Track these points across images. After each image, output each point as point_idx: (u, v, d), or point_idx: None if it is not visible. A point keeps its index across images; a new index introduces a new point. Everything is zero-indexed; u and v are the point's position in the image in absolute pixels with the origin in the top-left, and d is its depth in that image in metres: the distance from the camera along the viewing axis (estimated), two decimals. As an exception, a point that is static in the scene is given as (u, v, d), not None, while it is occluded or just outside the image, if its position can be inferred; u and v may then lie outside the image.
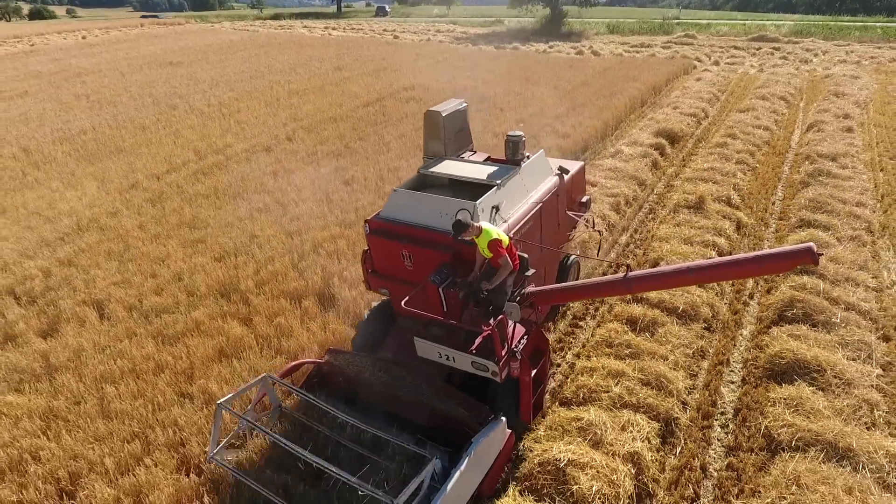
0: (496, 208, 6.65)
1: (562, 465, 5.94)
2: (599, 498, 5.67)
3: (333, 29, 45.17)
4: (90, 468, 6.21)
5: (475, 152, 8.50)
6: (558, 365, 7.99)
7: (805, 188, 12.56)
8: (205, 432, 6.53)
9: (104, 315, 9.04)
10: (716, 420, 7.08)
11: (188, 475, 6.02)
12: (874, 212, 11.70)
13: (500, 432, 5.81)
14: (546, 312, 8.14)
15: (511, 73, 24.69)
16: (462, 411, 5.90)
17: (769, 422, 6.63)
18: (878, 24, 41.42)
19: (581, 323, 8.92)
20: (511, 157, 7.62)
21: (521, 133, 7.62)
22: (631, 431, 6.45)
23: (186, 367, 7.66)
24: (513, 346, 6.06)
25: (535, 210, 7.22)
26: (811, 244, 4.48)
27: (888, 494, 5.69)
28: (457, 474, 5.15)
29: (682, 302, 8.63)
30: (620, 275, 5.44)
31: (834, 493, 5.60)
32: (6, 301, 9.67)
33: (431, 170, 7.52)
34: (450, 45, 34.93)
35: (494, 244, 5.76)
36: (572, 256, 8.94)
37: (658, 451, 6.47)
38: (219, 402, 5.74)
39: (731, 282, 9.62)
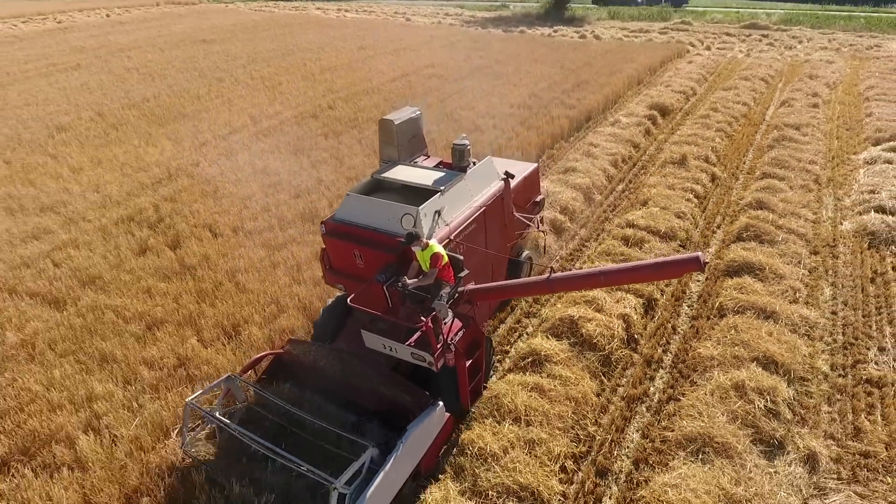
0: (438, 213, 7.16)
1: (574, 318, 8.62)
2: (600, 336, 8.36)
3: (346, 11, 47.10)
4: (244, 320, 8.84)
5: (428, 157, 8.98)
6: (568, 269, 10.65)
7: (770, 150, 15.17)
8: (318, 305, 9.10)
9: (216, 234, 11.60)
10: (684, 301, 9.77)
11: (310, 322, 8.59)
12: (823, 169, 14.34)
13: (437, 416, 6.46)
14: (493, 308, 9.06)
15: (520, 54, 27.02)
16: (406, 397, 6.55)
17: (721, 299, 9.31)
18: (862, 14, 43.77)
19: (587, 243, 11.57)
20: (457, 164, 7.95)
21: (466, 141, 7.98)
22: (622, 303, 9.13)
23: (293, 264, 10.27)
24: (448, 338, 6.55)
25: (478, 213, 7.75)
26: (699, 253, 5.22)
27: (794, 335, 8.40)
28: (392, 459, 5.80)
29: (664, 227, 11.28)
30: (545, 276, 6.15)
31: (760, 334, 8.29)
32: (130, 225, 12.22)
33: (384, 175, 8.01)
34: (460, 27, 37.11)
35: (435, 258, 6.48)
36: (525, 252, 9.66)
37: (642, 318, 9.16)
38: (187, 399, 6.40)
39: (703, 211, 12.30)
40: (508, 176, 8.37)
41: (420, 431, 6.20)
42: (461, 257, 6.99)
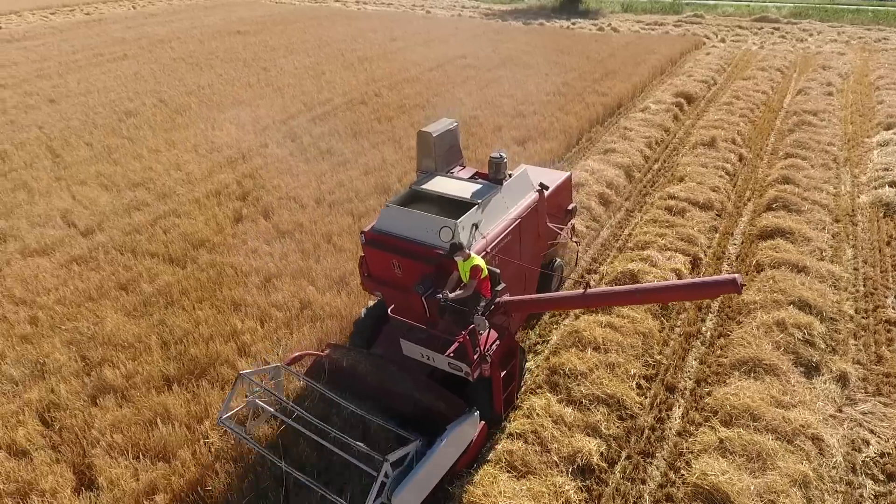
0: (476, 226, 7.26)
1: (634, 272, 10.05)
2: (658, 285, 9.78)
3: (366, 4, 48.19)
4: (349, 273, 10.25)
5: (464, 167, 9.08)
6: (618, 238, 12.07)
7: (791, 133, 16.54)
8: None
9: (302, 205, 12.99)
10: (725, 260, 11.19)
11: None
12: (840, 150, 15.73)
13: (472, 423, 6.60)
14: (524, 318, 9.25)
15: (545, 45, 28.29)
16: (441, 404, 6.71)
17: (758, 257, 10.73)
18: (870, 8, 44.94)
19: (632, 213, 12.98)
20: (493, 177, 8.05)
21: (503, 154, 8.02)
22: (673, 260, 10.55)
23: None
24: (484, 349, 6.71)
25: (513, 225, 7.87)
26: (736, 276, 5.09)
27: (823, 285, 9.83)
28: (432, 455, 6.00)
29: (702, 198, 12.69)
30: (580, 290, 6.20)
31: (794, 284, 9.71)
32: (220, 198, 13.60)
33: (422, 186, 8.07)
34: (481, 20, 38.33)
35: (475, 270, 6.60)
36: (557, 261, 9.93)
37: (690, 273, 10.57)
38: (241, 372, 6.69)
39: (734, 186, 13.72)
40: (543, 187, 8.43)
41: (457, 434, 6.36)
42: (498, 271, 7.12)
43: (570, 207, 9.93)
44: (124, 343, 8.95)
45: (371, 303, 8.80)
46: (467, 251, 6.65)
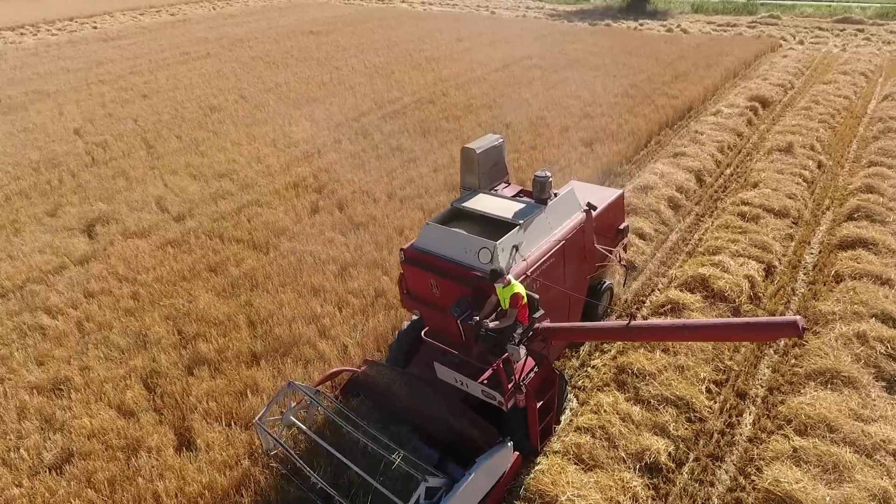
0: (516, 248, 7.03)
1: (706, 276, 9.99)
2: (730, 291, 9.70)
3: (431, 4, 48.88)
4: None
5: (509, 184, 8.77)
6: (687, 242, 11.96)
7: (875, 141, 15.82)
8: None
9: (374, 199, 13.54)
10: (801, 270, 10.92)
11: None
12: (931, 159, 14.93)
13: (504, 455, 6.37)
14: (564, 346, 8.86)
15: (612, 46, 27.99)
16: (474, 431, 6.50)
17: (837, 267, 10.43)
18: (968, 8, 41.85)
19: (702, 218, 12.83)
20: (538, 196, 7.74)
21: (548, 174, 7.74)
22: (746, 266, 10.41)
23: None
24: (520, 378, 6.49)
25: (557, 248, 7.57)
26: (798, 318, 4.68)
27: (910, 298, 9.48)
28: (460, 489, 5.79)
29: (777, 205, 12.39)
30: (624, 322, 5.75)
31: (877, 296, 9.41)
32: (297, 190, 14.33)
33: (464, 204, 7.88)
34: (546, 21, 38.22)
35: (515, 298, 6.32)
36: (606, 282, 9.57)
37: (763, 281, 10.40)
38: (290, 382, 7.00)
39: (812, 194, 13.30)
40: (591, 207, 8.12)
41: (488, 466, 6.17)
42: (537, 296, 6.80)
43: (621, 227, 9.53)
44: (215, 320, 9.70)
45: (408, 322, 8.54)
46: (507, 277, 6.36)
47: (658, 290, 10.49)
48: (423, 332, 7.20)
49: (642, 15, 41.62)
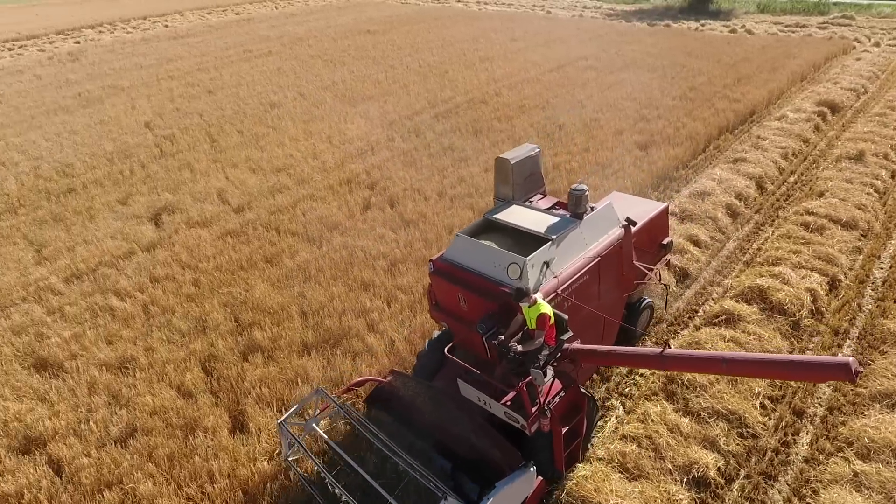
0: (547, 264, 6.78)
1: (764, 287, 9.64)
2: (790, 304, 9.32)
3: (486, 4, 48.82)
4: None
5: (545, 196, 8.48)
6: (744, 252, 11.55)
7: (959, 151, 14.81)
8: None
9: (425, 197, 13.70)
10: (868, 285, 10.37)
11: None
12: None
13: (526, 480, 6.08)
14: (593, 368, 8.39)
15: (671, 47, 27.24)
16: (497, 452, 6.28)
17: (910, 284, 9.86)
18: None
19: (762, 227, 12.35)
20: (573, 210, 7.46)
21: (584, 187, 7.43)
22: (808, 279, 9.97)
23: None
24: (546, 402, 6.19)
25: (592, 264, 7.25)
26: (851, 359, 4.28)
27: None
28: None
29: (845, 216, 11.80)
30: (659, 350, 5.49)
31: (952, 317, 8.85)
32: (350, 186, 14.66)
33: (496, 216, 7.69)
34: (603, 20, 37.55)
35: (542, 319, 6.05)
36: (646, 300, 9.16)
37: (826, 294, 9.94)
38: (319, 388, 7.06)
39: (884, 206, 12.58)
40: (630, 223, 7.68)
41: (508, 492, 5.91)
42: (566, 317, 6.45)
43: (664, 242, 9.10)
44: (270, 309, 10.07)
45: (438, 331, 8.37)
46: (534, 296, 6.11)
47: (712, 299, 10.20)
48: (446, 349, 6.98)
49: (704, 15, 40.27)
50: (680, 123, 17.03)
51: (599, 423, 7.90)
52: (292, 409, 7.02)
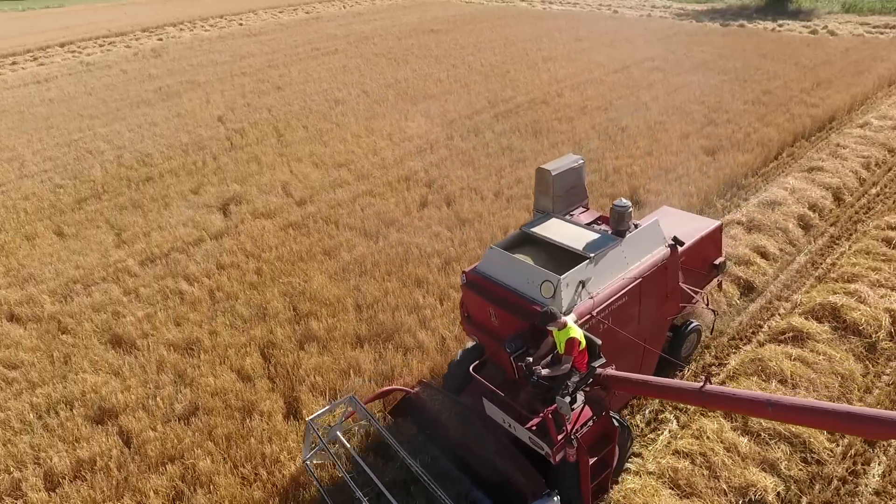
0: (583, 283, 6.50)
1: (837, 305, 9.09)
2: (866, 324, 8.76)
3: (551, 3, 48.19)
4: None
5: (587, 209, 8.18)
6: (819, 274, 10.92)
7: None
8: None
9: (481, 196, 13.72)
10: (957, 308, 9.59)
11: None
12: None
13: None
14: (629, 396, 7.91)
15: (745, 49, 26.03)
16: (520, 477, 6.06)
17: None
18: None
19: (837, 241, 11.65)
20: (615, 228, 7.12)
21: (627, 203, 7.06)
22: (887, 298, 9.33)
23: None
24: (573, 430, 5.89)
25: (632, 285, 6.88)
26: None
27: None
28: None
29: (933, 233, 10.96)
30: (698, 385, 5.20)
31: None
32: (408, 183, 14.86)
33: (533, 229, 7.46)
34: (673, 20, 36.32)
35: (571, 343, 5.80)
36: (693, 324, 8.61)
37: (907, 316, 9.27)
38: (352, 396, 7.05)
39: (981, 225, 11.60)
40: (676, 242, 7.32)
41: None
42: (599, 342, 6.14)
43: (717, 262, 8.66)
44: (326, 301, 10.37)
45: (471, 343, 8.13)
46: (563, 319, 5.85)
47: (779, 315, 9.71)
48: (471, 367, 6.78)
49: (782, 15, 38.25)
50: (751, 129, 16.28)
51: (651, 435, 7.70)
52: (323, 410, 7.10)
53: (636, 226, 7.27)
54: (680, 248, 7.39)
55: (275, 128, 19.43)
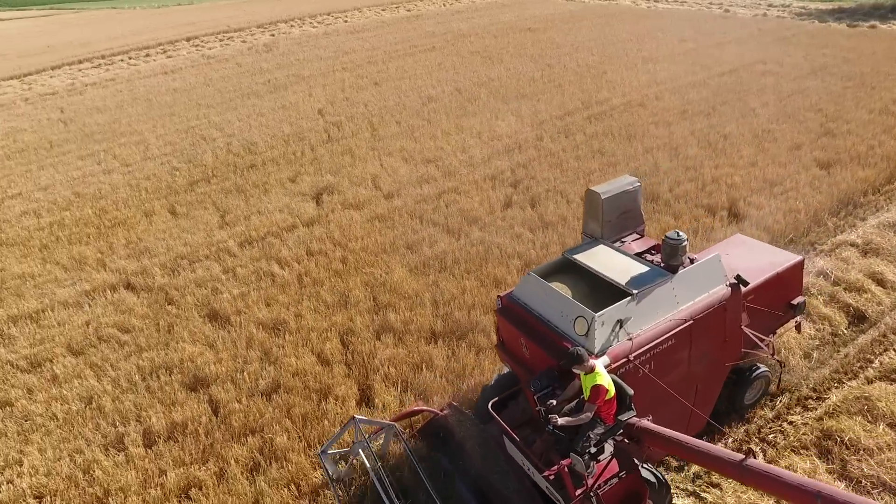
0: (621, 323, 5.93)
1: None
2: None
3: (656, 1, 46.13)
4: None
5: (642, 236, 7.54)
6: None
7: None
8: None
9: (567, 199, 13.45)
10: None
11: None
12: None
13: None
14: (662, 455, 7.05)
15: (874, 52, 23.53)
16: None
17: None
18: None
19: (974, 273, 10.31)
20: (667, 261, 6.47)
21: (683, 237, 6.32)
22: None
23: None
24: (594, 485, 5.42)
25: (681, 328, 6.22)
26: None
27: None
28: None
29: None
30: (739, 456, 4.75)
31: None
32: (494, 183, 14.83)
33: (576, 256, 6.97)
34: (791, 20, 33.56)
35: (597, 391, 5.29)
36: (760, 369, 7.66)
37: None
38: (354, 417, 6.68)
39: None
40: (740, 281, 6.58)
41: None
42: (631, 392, 5.58)
43: (795, 302, 7.80)
44: (405, 294, 10.62)
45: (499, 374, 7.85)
46: (591, 363, 5.33)
47: (893, 350, 8.76)
48: (490, 404, 6.40)
49: (927, 14, 34.22)
50: (875, 141, 14.74)
51: (717, 477, 7.14)
52: (332, 440, 6.89)
53: (692, 260, 6.61)
54: (744, 288, 6.65)
55: (369, 122, 20.11)
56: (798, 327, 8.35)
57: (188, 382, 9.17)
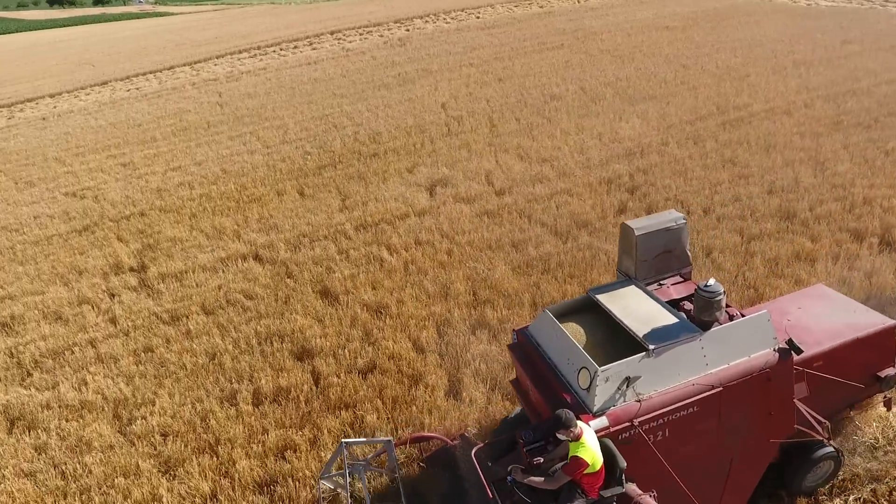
0: (629, 380, 5.22)
1: None
2: None
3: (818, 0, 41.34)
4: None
5: (685, 280, 6.66)
6: None
7: None
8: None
9: (687, 210, 12.61)
10: None
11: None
12: None
13: None
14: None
15: None
16: None
17: None
18: None
19: None
20: (698, 316, 5.68)
21: (719, 288, 5.55)
22: None
23: (771, 257, 10.49)
24: None
25: (707, 394, 5.35)
26: None
27: None
28: None
29: None
30: None
31: None
32: (610, 187, 14.29)
33: (600, 295, 6.30)
34: None
35: (576, 463, 4.78)
36: (827, 449, 6.36)
37: None
38: (343, 441, 6.44)
39: None
40: (792, 347, 5.52)
41: None
42: (624, 464, 4.98)
43: (883, 375, 6.65)
44: (505, 292, 10.64)
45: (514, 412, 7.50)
46: (577, 430, 4.79)
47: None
48: (473, 451, 5.76)
49: None
50: None
51: None
52: (327, 464, 6.75)
53: (731, 317, 5.79)
54: (797, 356, 5.63)
55: (489, 118, 20.26)
56: (888, 404, 7.13)
57: (296, 352, 9.94)
